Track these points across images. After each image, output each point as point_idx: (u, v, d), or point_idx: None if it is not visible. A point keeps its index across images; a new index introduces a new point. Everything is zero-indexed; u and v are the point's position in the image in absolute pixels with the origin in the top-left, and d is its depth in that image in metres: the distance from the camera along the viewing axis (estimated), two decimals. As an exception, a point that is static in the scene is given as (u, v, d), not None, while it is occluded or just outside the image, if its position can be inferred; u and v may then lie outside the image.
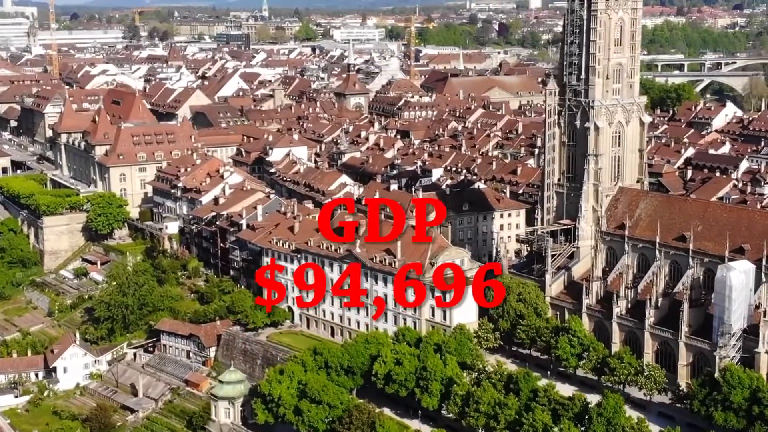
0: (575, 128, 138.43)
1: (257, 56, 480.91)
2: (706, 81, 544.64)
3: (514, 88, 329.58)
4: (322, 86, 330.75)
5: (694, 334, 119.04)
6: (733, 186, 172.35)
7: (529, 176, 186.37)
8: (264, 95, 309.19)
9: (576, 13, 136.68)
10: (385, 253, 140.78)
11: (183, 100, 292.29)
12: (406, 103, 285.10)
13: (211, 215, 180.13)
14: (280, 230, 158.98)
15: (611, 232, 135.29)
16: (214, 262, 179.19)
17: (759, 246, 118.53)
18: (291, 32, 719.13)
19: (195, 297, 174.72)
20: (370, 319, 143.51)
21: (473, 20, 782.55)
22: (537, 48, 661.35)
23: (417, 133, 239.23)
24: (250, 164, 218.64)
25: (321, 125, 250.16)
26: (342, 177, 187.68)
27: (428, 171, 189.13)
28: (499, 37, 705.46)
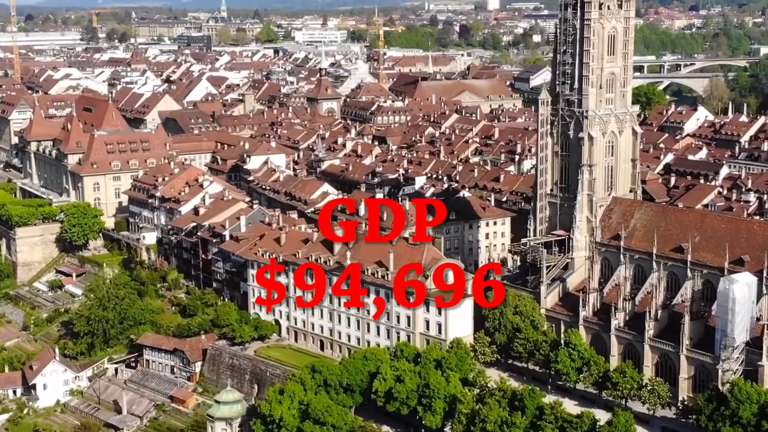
0: (568, 138, 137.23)
1: (221, 59, 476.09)
2: (666, 82, 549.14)
3: (484, 92, 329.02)
4: (292, 90, 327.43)
5: (695, 346, 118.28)
6: (717, 193, 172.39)
7: (513, 184, 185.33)
8: (234, 100, 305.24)
9: (569, 23, 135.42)
10: (377, 265, 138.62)
11: (151, 106, 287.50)
12: (379, 107, 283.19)
13: (192, 226, 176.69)
14: (265, 242, 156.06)
15: (606, 243, 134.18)
16: (196, 273, 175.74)
17: (759, 257, 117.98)
18: (252, 34, 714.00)
19: (176, 310, 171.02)
20: (362, 332, 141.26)
21: (434, 22, 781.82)
22: (498, 49, 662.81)
23: (393, 139, 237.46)
24: (226, 172, 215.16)
25: (296, 131, 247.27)
26: (324, 186, 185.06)
27: (411, 179, 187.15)
28: (460, 39, 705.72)
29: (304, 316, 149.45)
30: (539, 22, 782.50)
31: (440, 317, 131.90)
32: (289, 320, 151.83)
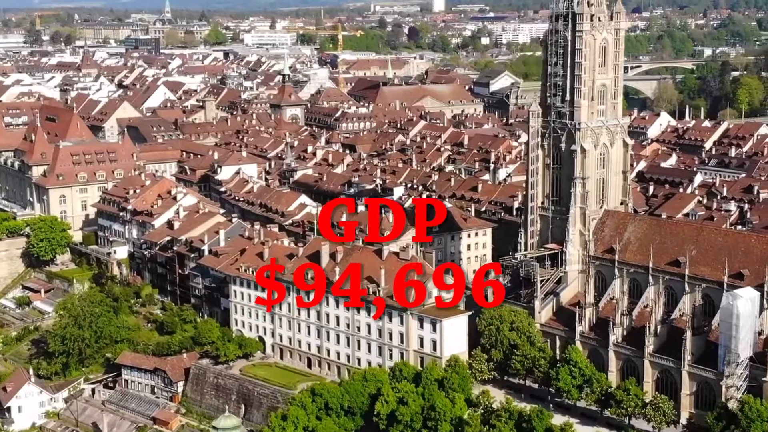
0: (560, 150, 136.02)
1: (172, 62, 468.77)
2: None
3: (445, 97, 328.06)
4: (252, 96, 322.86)
5: (696, 362, 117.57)
6: (697, 202, 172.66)
7: (491, 193, 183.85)
8: (194, 106, 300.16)
9: (560, 34, 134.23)
10: (367, 281, 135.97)
11: (109, 113, 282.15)
12: (344, 114, 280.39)
13: (167, 240, 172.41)
14: (248, 257, 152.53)
15: (599, 257, 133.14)
16: (172, 289, 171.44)
17: (758, 271, 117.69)
18: (200, 36, 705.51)
19: (153, 327, 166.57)
20: (352, 350, 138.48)
21: (383, 24, 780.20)
22: (448, 52, 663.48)
23: (363, 147, 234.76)
24: (195, 182, 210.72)
25: (262, 139, 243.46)
26: (301, 197, 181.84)
27: (389, 189, 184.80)
28: (410, 42, 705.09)
29: (290, 333, 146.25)
30: (486, 24, 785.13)
31: (435, 334, 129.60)
32: (274, 337, 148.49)
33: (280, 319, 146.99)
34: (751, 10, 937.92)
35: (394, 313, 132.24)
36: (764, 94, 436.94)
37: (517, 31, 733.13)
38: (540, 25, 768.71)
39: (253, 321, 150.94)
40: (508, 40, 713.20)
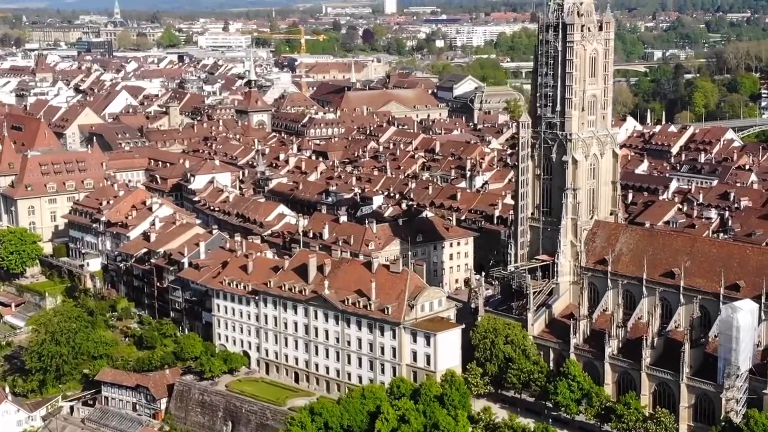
0: (551, 161, 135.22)
1: (128, 66, 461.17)
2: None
3: (410, 101, 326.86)
4: (216, 102, 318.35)
5: (695, 374, 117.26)
6: (677, 209, 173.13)
7: (471, 202, 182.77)
8: (157, 112, 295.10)
9: (550, 44, 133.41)
10: (357, 295, 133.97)
11: (71, 119, 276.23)
12: (311, 120, 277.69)
13: (143, 252, 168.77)
14: (231, 270, 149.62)
15: (591, 268, 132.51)
16: (150, 302, 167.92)
17: (755, 283, 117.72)
18: (153, 38, 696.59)
19: (131, 341, 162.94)
20: (341, 364, 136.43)
21: (337, 27, 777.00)
22: (403, 54, 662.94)
23: (334, 154, 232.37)
24: (167, 192, 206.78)
25: (232, 146, 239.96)
26: (279, 207, 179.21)
27: (368, 198, 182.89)
28: (365, 44, 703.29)
29: (277, 348, 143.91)
30: (441, 27, 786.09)
31: (429, 348, 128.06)
32: (260, 351, 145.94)
33: (266, 333, 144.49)
34: (698, 12, 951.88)
35: (386, 326, 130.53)
36: (719, 97, 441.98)
37: (471, 34, 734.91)
38: (493, 28, 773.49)
39: (238, 335, 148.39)
40: (463, 43, 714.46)
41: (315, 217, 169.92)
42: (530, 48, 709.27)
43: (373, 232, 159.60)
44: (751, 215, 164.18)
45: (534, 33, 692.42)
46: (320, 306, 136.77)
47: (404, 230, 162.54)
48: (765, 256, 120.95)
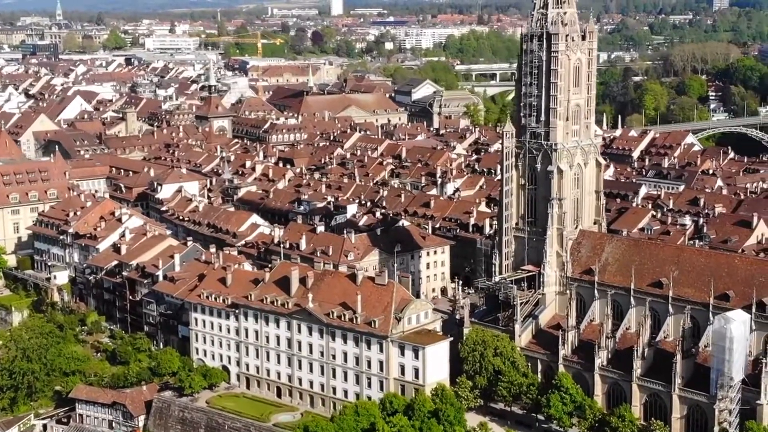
0: (535, 171, 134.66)
1: (76, 69, 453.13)
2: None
3: (370, 106, 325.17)
4: (173, 107, 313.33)
5: (686, 385, 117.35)
6: (651, 216, 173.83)
7: (444, 209, 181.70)
8: (113, 118, 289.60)
9: (534, 54, 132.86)
10: (342, 308, 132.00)
11: (25, 126, 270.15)
12: (273, 125, 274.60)
13: (114, 264, 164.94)
14: (209, 282, 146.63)
15: (578, 278, 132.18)
16: (121, 316, 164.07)
17: (744, 292, 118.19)
18: (99, 41, 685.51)
19: (103, 356, 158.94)
20: (326, 378, 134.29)
21: (285, 29, 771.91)
22: (352, 57, 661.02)
23: (300, 161, 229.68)
24: (132, 201, 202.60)
25: (195, 153, 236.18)
26: (252, 216, 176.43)
27: (342, 207, 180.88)
28: (314, 46, 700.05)
29: (258, 362, 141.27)
30: (389, 29, 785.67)
31: (417, 361, 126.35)
32: (240, 366, 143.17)
33: (246, 347, 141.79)
34: (641, 14, 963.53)
35: (373, 340, 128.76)
36: (669, 99, 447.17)
37: (420, 36, 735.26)
38: (441, 30, 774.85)
39: (216, 350, 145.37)
40: (412, 45, 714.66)
41: (290, 227, 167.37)
42: (479, 50, 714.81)
43: (352, 242, 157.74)
44: (725, 222, 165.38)
45: (482, 34, 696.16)
46: (304, 319, 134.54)
47: (382, 240, 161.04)
48: (753, 266, 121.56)
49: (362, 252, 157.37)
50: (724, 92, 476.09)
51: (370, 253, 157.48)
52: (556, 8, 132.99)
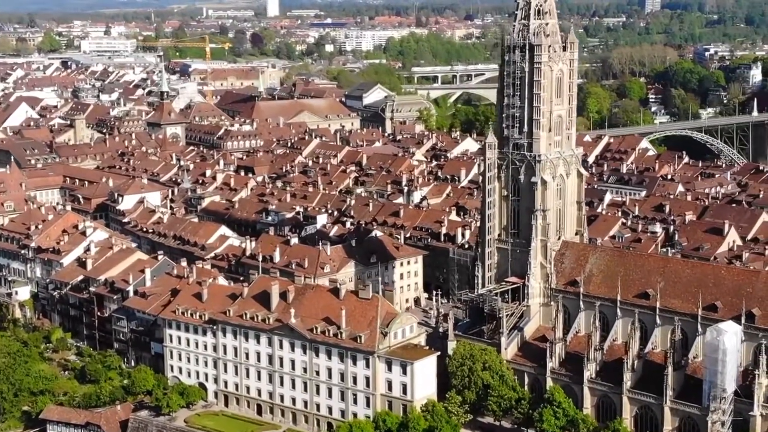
0: (519, 182, 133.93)
1: (14, 74, 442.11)
2: (458, 92, 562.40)
3: (322, 111, 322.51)
4: (123, 113, 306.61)
5: (677, 397, 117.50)
6: (621, 224, 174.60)
7: (414, 219, 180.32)
8: (61, 125, 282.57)
9: (517, 65, 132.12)
10: (325, 323, 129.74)
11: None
12: (227, 132, 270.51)
13: (80, 279, 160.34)
14: (184, 298, 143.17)
15: (562, 290, 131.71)
16: (89, 333, 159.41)
17: (732, 303, 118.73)
18: (33, 43, 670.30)
19: (71, 375, 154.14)
20: (310, 395, 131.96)
21: (224, 30, 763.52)
22: (293, 59, 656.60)
23: (261, 169, 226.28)
24: (91, 213, 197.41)
25: (151, 162, 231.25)
26: (221, 228, 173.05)
27: (312, 217, 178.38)
28: (254, 48, 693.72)
29: (237, 379, 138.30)
30: (329, 31, 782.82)
31: (405, 377, 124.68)
32: (218, 383, 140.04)
33: (224, 364, 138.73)
34: (576, 17, 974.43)
35: (359, 355, 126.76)
36: (611, 102, 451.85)
37: (360, 38, 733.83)
38: (381, 32, 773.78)
39: (193, 367, 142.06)
40: (353, 48, 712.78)
41: (263, 239, 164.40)
42: (419, 53, 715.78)
43: (328, 254, 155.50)
44: (696, 229, 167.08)
45: (421, 37, 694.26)
46: (286, 335, 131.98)
47: (357, 251, 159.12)
48: (741, 277, 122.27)
49: (338, 264, 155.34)
50: (664, 95, 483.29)
51: (346, 265, 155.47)
52: (537, 19, 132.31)
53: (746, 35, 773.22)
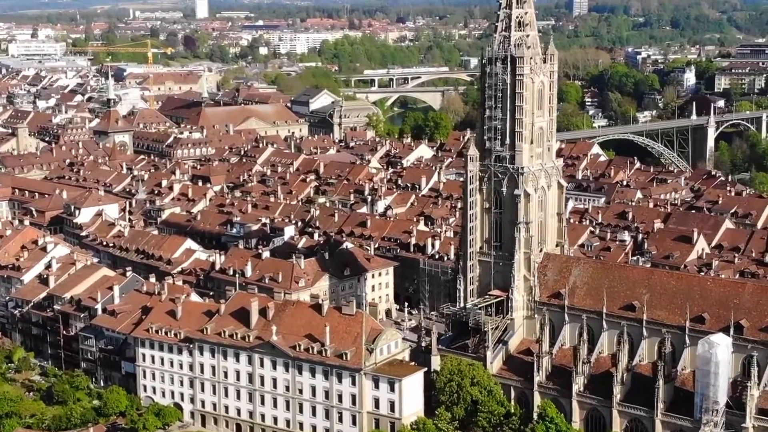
0: (501, 195, 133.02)
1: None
2: (395, 96, 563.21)
3: (270, 117, 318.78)
4: (65, 121, 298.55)
5: (666, 410, 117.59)
6: (590, 232, 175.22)
7: (382, 229, 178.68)
8: (3, 134, 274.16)
9: (498, 77, 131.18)
10: (308, 340, 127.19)
11: None
12: (177, 140, 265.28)
13: (42, 297, 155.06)
14: (157, 315, 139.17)
15: (546, 302, 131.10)
16: (53, 352, 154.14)
17: (719, 315, 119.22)
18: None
19: (37, 396, 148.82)
20: (292, 414, 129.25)
21: (155, 32, 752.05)
22: (227, 62, 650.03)
23: (217, 179, 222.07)
24: (45, 226, 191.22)
25: (103, 172, 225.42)
26: (187, 241, 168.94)
27: (279, 229, 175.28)
28: (187, 51, 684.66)
29: (215, 398, 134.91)
30: (263, 33, 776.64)
31: (393, 394, 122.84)
32: (194, 403, 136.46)
33: (201, 383, 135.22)
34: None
35: (344, 373, 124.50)
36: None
37: (295, 41, 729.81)
38: (315, 35, 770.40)
39: (167, 386, 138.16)
40: (287, 50, 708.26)
41: (232, 253, 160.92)
42: (354, 55, 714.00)
43: (302, 268, 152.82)
44: (665, 237, 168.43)
45: (356, 40, 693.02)
46: (267, 353, 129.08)
47: (331, 264, 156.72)
48: (727, 288, 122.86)
49: (312, 277, 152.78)
50: (600, 98, 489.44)
51: (321, 278, 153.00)
52: (518, 31, 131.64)
53: (672, 38, 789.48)
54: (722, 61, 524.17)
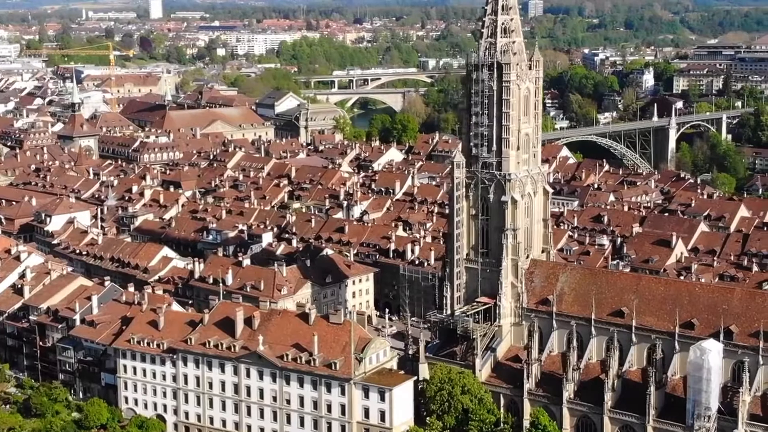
0: (488, 201, 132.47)
1: None
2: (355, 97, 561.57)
3: (236, 120, 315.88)
4: (28, 125, 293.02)
5: (657, 416, 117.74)
6: (569, 237, 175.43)
7: (360, 235, 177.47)
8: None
9: (485, 83, 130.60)
10: (296, 350, 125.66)
11: None
12: (143, 144, 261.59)
13: (17, 307, 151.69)
14: (138, 326, 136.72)
15: (534, 309, 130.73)
16: (30, 364, 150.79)
17: (708, 320, 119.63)
18: None
19: (13, 408, 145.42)
20: (280, 425, 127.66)
21: (110, 33, 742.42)
22: (184, 63, 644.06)
23: (188, 184, 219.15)
24: (15, 234, 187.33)
25: (70, 178, 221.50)
26: (163, 249, 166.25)
27: (257, 236, 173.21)
28: (143, 52, 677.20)
29: (199, 410, 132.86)
30: (220, 34, 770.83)
31: (383, 404, 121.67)
32: (178, 415, 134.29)
33: (185, 394, 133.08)
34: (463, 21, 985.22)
35: (333, 383, 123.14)
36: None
37: (253, 42, 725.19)
38: (273, 36, 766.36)
39: (150, 398, 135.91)
40: (245, 52, 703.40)
41: (212, 261, 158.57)
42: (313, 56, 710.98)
43: (284, 275, 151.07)
44: (644, 241, 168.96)
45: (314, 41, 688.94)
46: (253, 363, 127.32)
47: (312, 271, 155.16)
48: (715, 294, 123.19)
49: (294, 285, 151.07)
50: (561, 100, 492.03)
51: (303, 286, 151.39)
52: (504, 38, 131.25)
53: (626, 39, 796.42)
54: (680, 63, 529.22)
